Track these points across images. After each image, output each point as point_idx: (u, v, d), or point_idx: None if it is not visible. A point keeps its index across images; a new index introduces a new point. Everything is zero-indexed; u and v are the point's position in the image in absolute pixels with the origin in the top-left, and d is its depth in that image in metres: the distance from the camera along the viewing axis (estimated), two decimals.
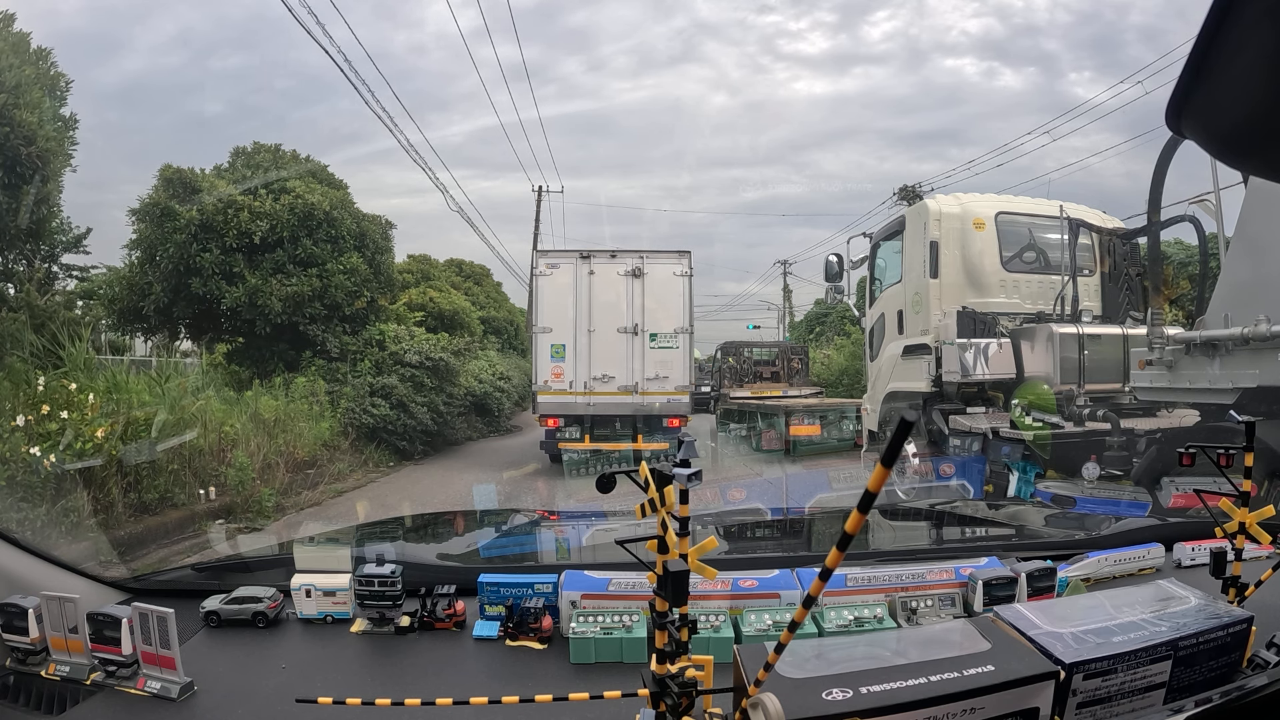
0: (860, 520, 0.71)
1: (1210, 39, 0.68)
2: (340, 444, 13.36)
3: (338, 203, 15.92)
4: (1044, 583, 1.66)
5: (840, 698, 0.93)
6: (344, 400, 14.12)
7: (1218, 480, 1.45)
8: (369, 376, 15.00)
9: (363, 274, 15.81)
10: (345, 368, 15.15)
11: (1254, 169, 0.89)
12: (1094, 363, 6.96)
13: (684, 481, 1.01)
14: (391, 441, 14.62)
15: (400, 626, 1.62)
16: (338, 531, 3.11)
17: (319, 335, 15.26)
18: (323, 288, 15.04)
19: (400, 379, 15.31)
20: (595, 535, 2.46)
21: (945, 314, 7.69)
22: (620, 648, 1.48)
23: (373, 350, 15.84)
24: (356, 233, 16.17)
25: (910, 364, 8.26)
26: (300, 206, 15.10)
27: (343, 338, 15.72)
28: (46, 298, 15.28)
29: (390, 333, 16.57)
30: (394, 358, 15.80)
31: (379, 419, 14.32)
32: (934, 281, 8.03)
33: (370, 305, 16.48)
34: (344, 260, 15.48)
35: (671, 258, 12.43)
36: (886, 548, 2.13)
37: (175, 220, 14.09)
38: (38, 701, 1.40)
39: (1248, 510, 1.37)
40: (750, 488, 7.53)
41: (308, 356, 15.18)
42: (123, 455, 7.47)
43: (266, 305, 14.40)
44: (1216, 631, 1.13)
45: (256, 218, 14.57)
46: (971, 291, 7.93)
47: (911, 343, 8.32)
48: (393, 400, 14.75)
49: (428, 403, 15.58)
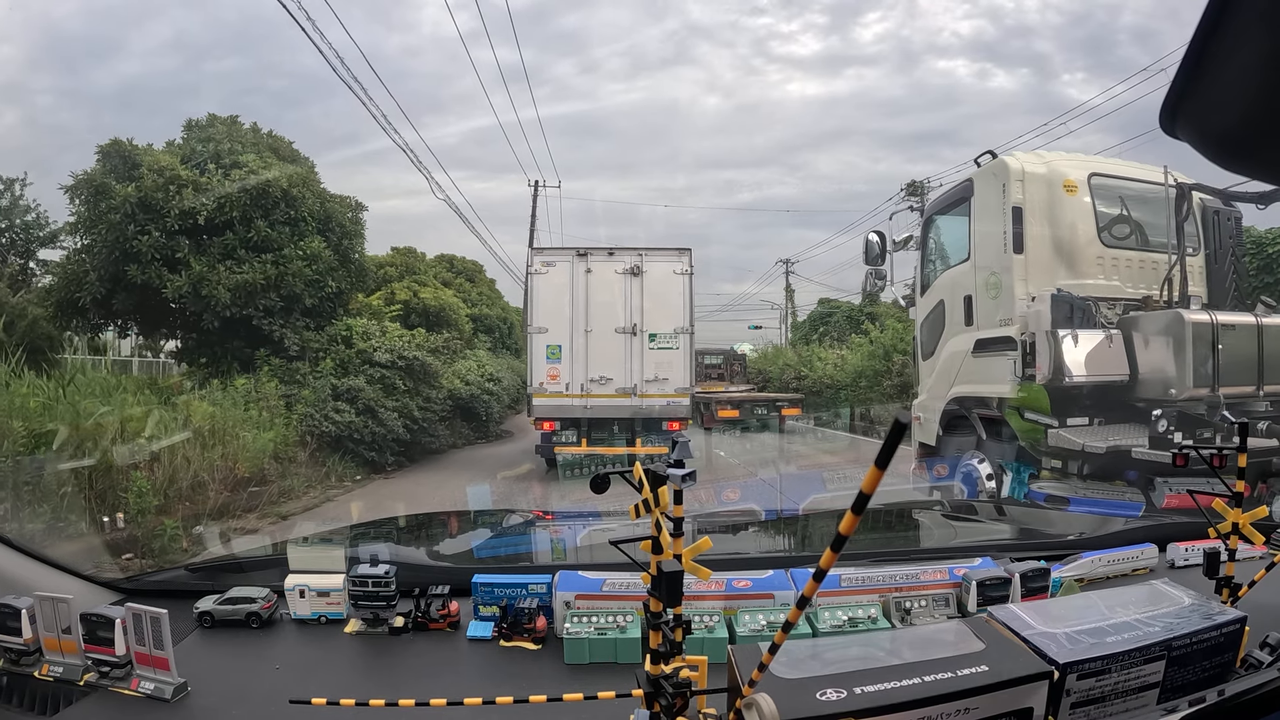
0: (854, 522, 0.71)
1: (1204, 42, 0.69)
2: (296, 455, 11.65)
3: (298, 180, 14.04)
4: (1038, 583, 1.66)
5: (834, 698, 0.93)
6: (300, 405, 12.45)
7: (1211, 481, 1.46)
8: (331, 378, 13.32)
9: (326, 261, 14.06)
10: (306, 368, 13.51)
11: (1247, 171, 0.89)
12: (1227, 360, 5.63)
13: (678, 482, 1.01)
14: (358, 451, 13.00)
15: (394, 627, 1.62)
16: (332, 532, 3.10)
17: (276, 330, 13.49)
18: (278, 275, 13.24)
19: (369, 380, 13.66)
20: (590, 536, 2.45)
21: (1035, 298, 6.09)
22: (615, 648, 1.48)
23: (338, 348, 14.08)
24: (321, 215, 14.40)
25: (984, 362, 6.64)
26: (253, 183, 13.26)
27: (304, 334, 13.91)
28: (19, 294, 14.24)
29: (359, 328, 14.75)
30: (362, 356, 14.10)
31: (342, 426, 12.64)
32: (1018, 258, 6.34)
33: (336, 297, 14.76)
34: (304, 245, 13.72)
35: (671, 255, 12.09)
36: (881, 548, 2.13)
37: (111, 199, 12.48)
38: (31, 702, 1.39)
39: (1241, 511, 1.37)
40: (745, 488, 7.54)
41: (263, 355, 13.41)
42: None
43: (213, 295, 12.62)
44: (1210, 632, 1.13)
45: (202, 195, 12.82)
46: (1064, 271, 6.36)
47: (987, 335, 6.64)
48: (359, 405, 13.09)
49: (400, 407, 13.96)
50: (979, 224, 6.88)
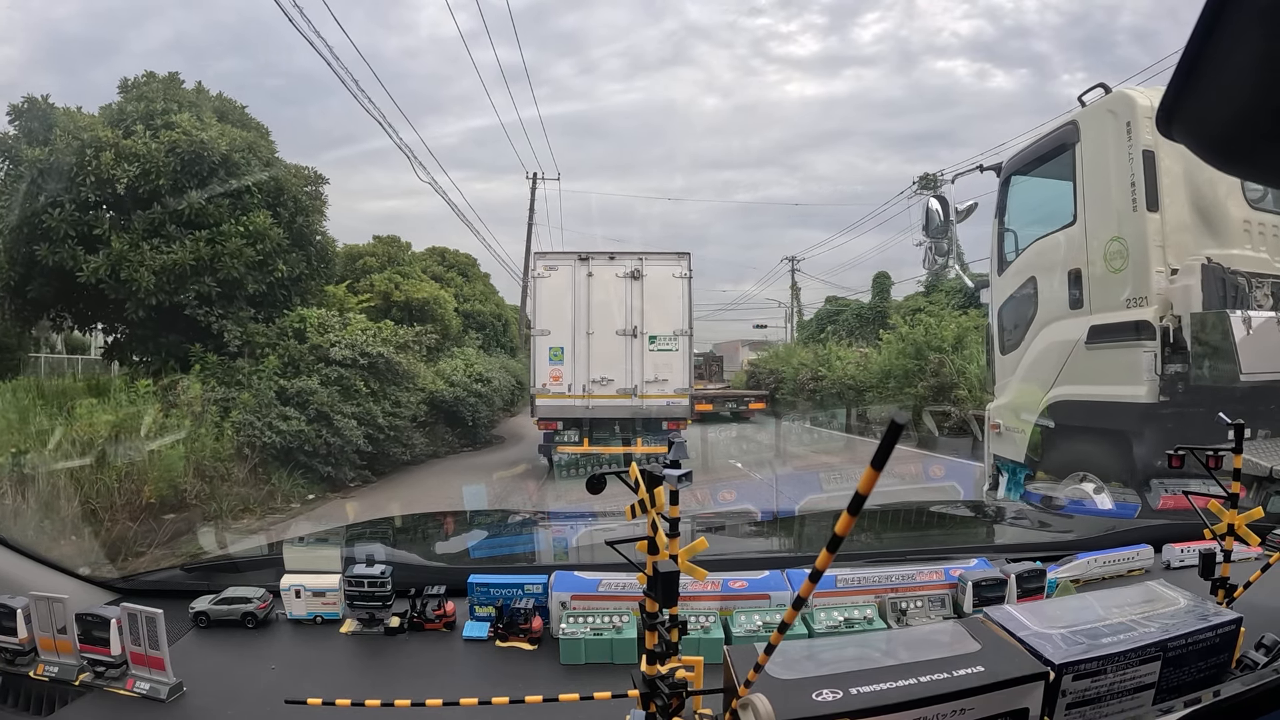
0: (850, 522, 0.71)
1: (1201, 43, 0.69)
2: (230, 472, 9.69)
3: (243, 145, 12.08)
4: (1033, 584, 1.66)
5: (830, 698, 0.93)
6: (237, 411, 10.43)
7: (1206, 482, 1.46)
8: (277, 378, 11.39)
9: (275, 240, 11.98)
10: (248, 366, 11.56)
11: (1244, 173, 0.89)
12: None
13: (674, 482, 1.01)
14: (312, 466, 11.08)
15: (390, 627, 1.62)
16: (327, 532, 3.10)
17: (213, 322, 11.53)
18: (213, 256, 11.23)
19: (323, 381, 11.76)
20: (586, 536, 2.45)
21: (1177, 270, 4.79)
22: (610, 648, 1.48)
23: (288, 343, 12.12)
24: (270, 187, 12.34)
25: (1103, 355, 5.19)
26: (185, 146, 11.14)
27: (248, 326, 11.94)
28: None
29: (313, 320, 12.70)
30: (316, 353, 12.23)
31: (288, 436, 10.64)
32: (1152, 218, 4.92)
33: (293, 284, 12.86)
34: (247, 220, 11.66)
35: (670, 259, 12.32)
36: (876, 549, 2.13)
37: (18, 165, 10.87)
38: (26, 702, 1.39)
39: (1236, 512, 1.37)
40: (741, 489, 7.52)
41: (198, 351, 11.42)
42: None
43: (134, 279, 10.69)
44: (1205, 632, 1.14)
45: (124, 160, 10.84)
46: (1207, 237, 5.01)
47: (1107, 320, 5.17)
48: (310, 410, 11.16)
49: (361, 413, 12.05)
50: (1090, 177, 5.46)
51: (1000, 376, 6.59)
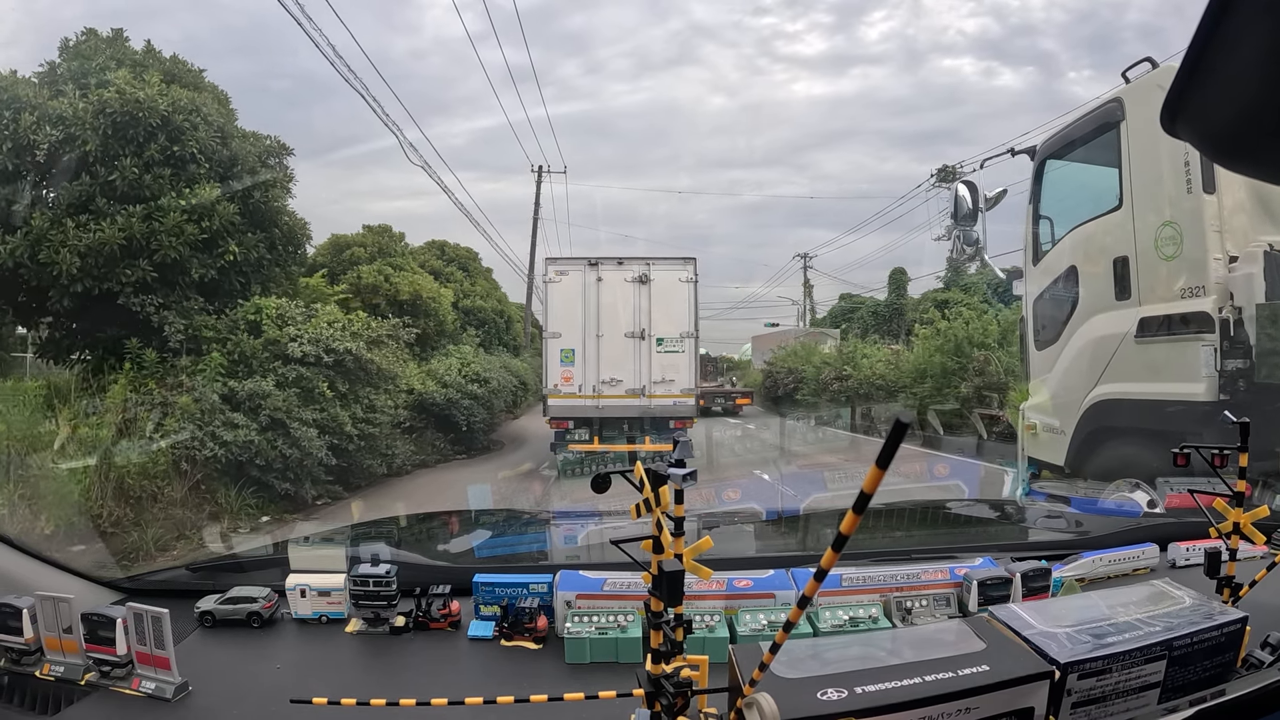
0: (855, 521, 0.71)
1: (1206, 39, 0.68)
2: (162, 492, 8.03)
3: (189, 107, 10.20)
4: (1039, 583, 1.66)
5: (835, 697, 0.93)
6: (171, 418, 8.77)
7: (1212, 481, 1.45)
8: (221, 378, 9.61)
9: (225, 217, 10.17)
10: (191, 364, 9.86)
11: (1249, 170, 0.88)
12: None
13: (679, 481, 1.01)
14: (267, 481, 9.33)
15: (395, 626, 1.62)
16: (333, 531, 3.11)
17: (153, 313, 9.77)
18: (148, 234, 9.47)
19: (279, 383, 9.96)
20: (590, 535, 2.45)
21: (1241, 257, 4.40)
22: (615, 648, 1.48)
23: (240, 337, 10.29)
24: (224, 157, 10.63)
25: (1155, 350, 4.75)
26: (118, 106, 9.47)
27: (195, 318, 10.23)
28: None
29: (271, 310, 10.78)
30: (272, 349, 10.37)
31: (234, 448, 8.89)
32: (1209, 200, 4.50)
33: (252, 270, 11.17)
34: (192, 193, 9.85)
35: (677, 264, 12.72)
36: (882, 548, 2.13)
37: None
38: (32, 702, 1.39)
39: (1242, 510, 1.37)
40: (746, 488, 7.51)
41: (134, 346, 9.58)
42: None
43: (55, 262, 9.15)
44: (1211, 631, 1.13)
45: (47, 123, 9.38)
46: (1266, 222, 4.62)
47: (1159, 312, 4.75)
48: (263, 417, 9.43)
49: (324, 419, 10.19)
50: (1138, 157, 5.01)
51: (1035, 374, 6.17)
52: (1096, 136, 5.45)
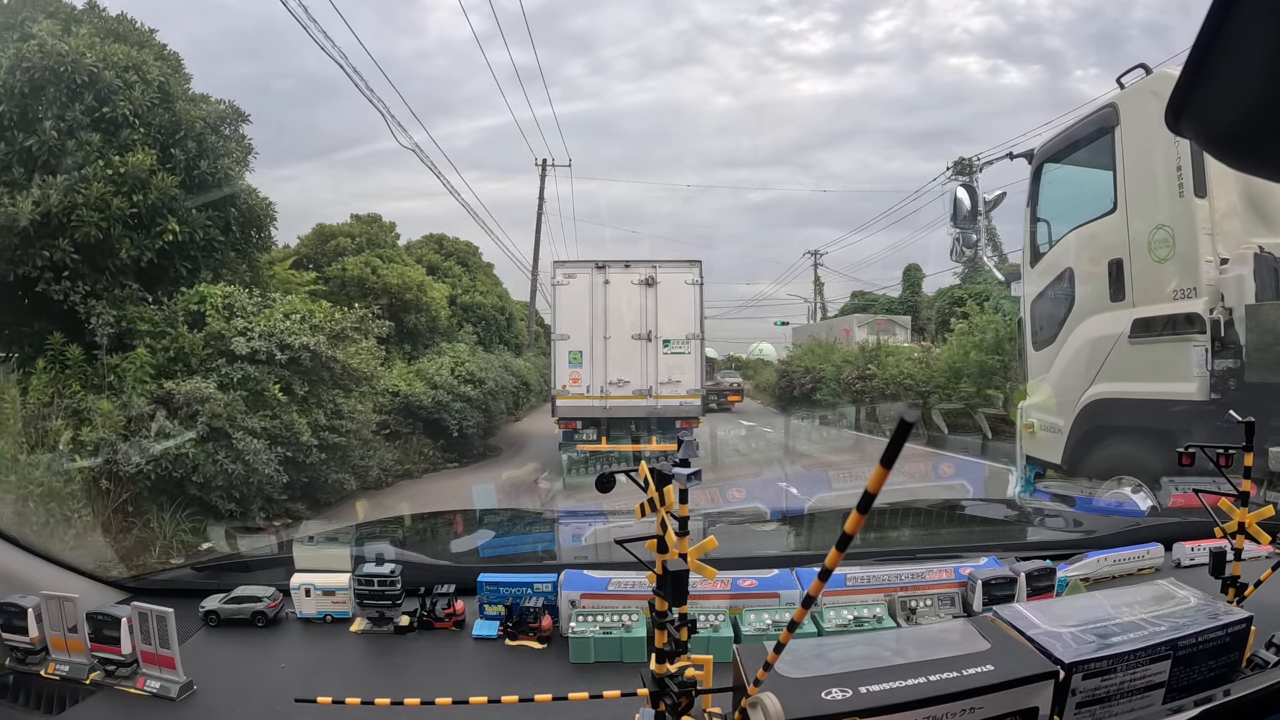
0: (860, 521, 0.71)
1: (1210, 38, 0.68)
2: (78, 515, 6.45)
3: (124, 64, 8.79)
4: (1043, 582, 1.66)
5: (839, 697, 0.93)
6: (89, 428, 7.33)
7: (1217, 480, 1.45)
8: (151, 379, 8.22)
9: (162, 189, 8.62)
10: (117, 362, 8.39)
11: (1253, 169, 0.88)
12: None
13: (683, 481, 1.01)
14: (210, 502, 7.93)
15: (400, 626, 1.62)
16: (337, 531, 3.11)
17: (76, 302, 8.36)
18: (66, 209, 8.05)
19: (224, 383, 8.49)
20: (595, 535, 2.46)
21: (1231, 259, 4.55)
22: (620, 647, 1.48)
23: (179, 330, 8.80)
24: (166, 122, 9.07)
25: (1148, 350, 4.92)
26: (37, 61, 8.14)
27: (129, 307, 8.72)
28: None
29: (216, 299, 9.23)
30: (214, 344, 8.84)
31: (164, 463, 7.48)
32: (1200, 204, 4.64)
33: (202, 252, 9.54)
34: (121, 160, 8.41)
35: (682, 267, 12.85)
36: (886, 548, 2.13)
37: None
38: (37, 701, 1.40)
39: (1247, 510, 1.37)
40: (750, 487, 7.49)
41: (58, 340, 8.24)
42: None
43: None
44: (1216, 631, 1.13)
45: None
46: (1258, 225, 4.73)
47: (1152, 313, 4.93)
48: (200, 426, 7.90)
49: (274, 428, 8.70)
50: (1132, 161, 5.16)
51: (1034, 373, 6.29)
52: (1092, 140, 5.58)
